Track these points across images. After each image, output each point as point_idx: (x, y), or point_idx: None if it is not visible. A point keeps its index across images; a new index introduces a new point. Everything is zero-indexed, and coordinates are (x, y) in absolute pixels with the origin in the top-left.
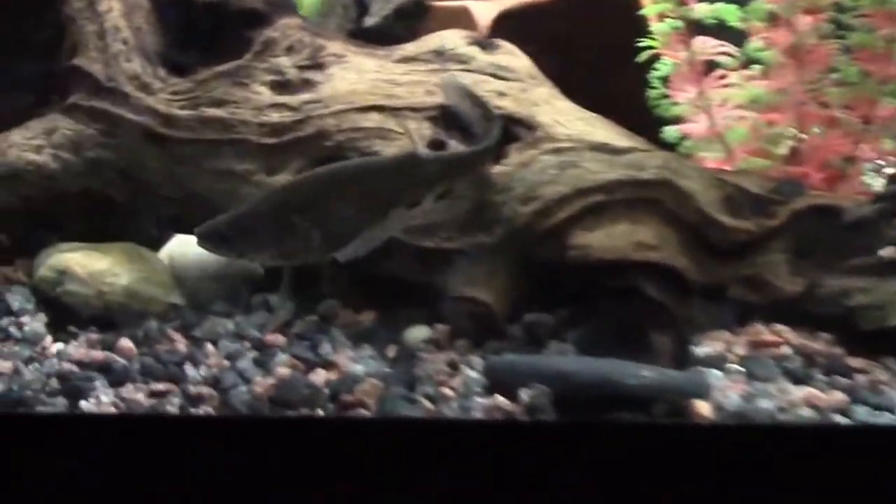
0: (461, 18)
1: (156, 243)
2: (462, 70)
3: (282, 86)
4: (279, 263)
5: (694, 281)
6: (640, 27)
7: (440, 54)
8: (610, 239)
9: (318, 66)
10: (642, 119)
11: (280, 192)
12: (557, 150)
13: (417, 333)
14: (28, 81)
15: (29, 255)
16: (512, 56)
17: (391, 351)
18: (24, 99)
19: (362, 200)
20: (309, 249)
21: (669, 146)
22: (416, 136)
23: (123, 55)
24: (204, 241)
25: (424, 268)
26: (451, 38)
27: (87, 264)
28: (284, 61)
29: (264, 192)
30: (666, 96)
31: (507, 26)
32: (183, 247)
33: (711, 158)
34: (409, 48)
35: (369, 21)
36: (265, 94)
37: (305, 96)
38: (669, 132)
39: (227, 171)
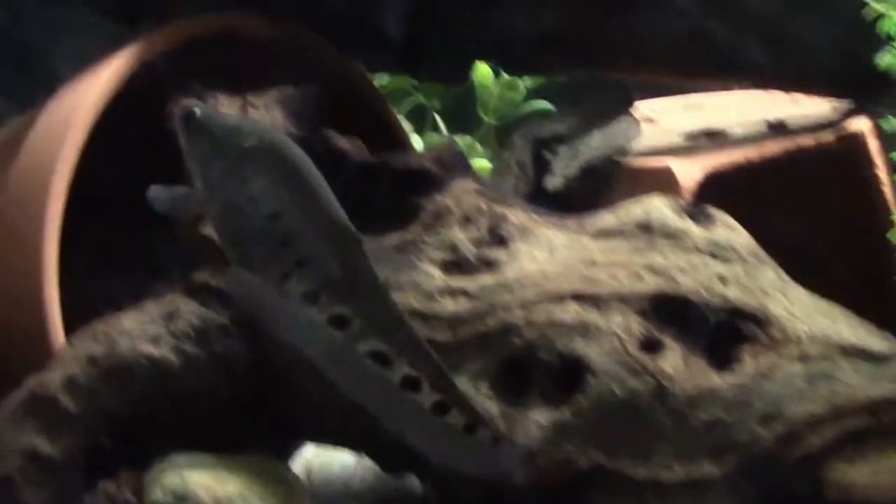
0: (661, 179)
1: (290, 454)
2: (673, 248)
3: (457, 266)
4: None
5: None
6: (881, 192)
7: (646, 228)
8: (879, 475)
9: (500, 241)
10: (882, 308)
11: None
12: (804, 357)
13: None
14: (145, 252)
15: (138, 468)
16: (730, 230)
17: None
18: (139, 274)
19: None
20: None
21: None
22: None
23: None
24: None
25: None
26: (658, 208)
27: (213, 487)
28: (459, 235)
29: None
30: None
31: (715, 188)
32: (323, 458)
33: None
34: (608, 219)
35: (552, 182)
36: (437, 277)
37: (486, 280)
38: None
39: None
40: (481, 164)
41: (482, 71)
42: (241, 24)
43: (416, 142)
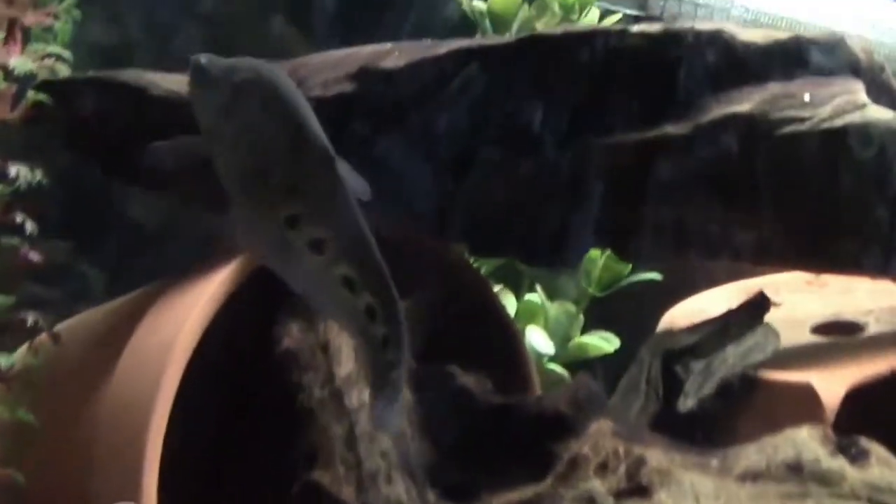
0: (801, 397)
1: None
2: (828, 495)
3: None
4: None
5: None
6: None
7: (797, 470)
8: None
9: (641, 490)
10: None
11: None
12: None
13: None
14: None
15: None
16: (887, 467)
17: None
18: None
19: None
20: None
21: None
22: None
23: (383, 475)
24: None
25: None
26: (808, 444)
27: None
28: (597, 486)
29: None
30: None
31: (858, 404)
32: None
33: None
34: (754, 458)
35: (686, 403)
36: None
37: None
38: None
39: None
40: (581, 340)
41: None
42: None
43: (511, 304)
